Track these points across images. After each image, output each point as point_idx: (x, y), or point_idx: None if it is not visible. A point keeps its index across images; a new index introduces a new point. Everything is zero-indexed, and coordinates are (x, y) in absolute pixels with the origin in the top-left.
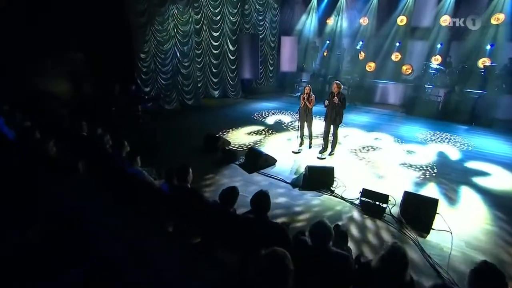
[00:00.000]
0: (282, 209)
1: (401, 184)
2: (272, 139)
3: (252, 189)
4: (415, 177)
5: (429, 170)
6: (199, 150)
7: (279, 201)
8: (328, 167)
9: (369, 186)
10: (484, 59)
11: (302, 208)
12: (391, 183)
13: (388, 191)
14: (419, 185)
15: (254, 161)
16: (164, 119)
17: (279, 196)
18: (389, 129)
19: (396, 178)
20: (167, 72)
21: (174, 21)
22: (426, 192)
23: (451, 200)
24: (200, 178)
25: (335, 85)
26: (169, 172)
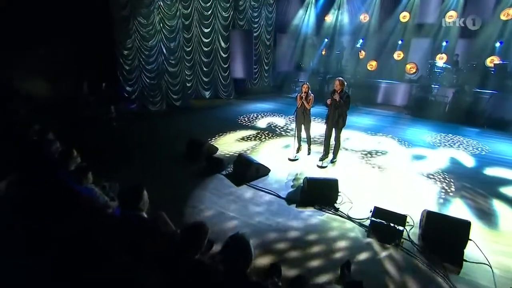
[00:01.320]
0: (275, 233)
1: (417, 199)
2: (266, 145)
3: (239, 207)
4: (432, 189)
5: (447, 180)
6: (181, 158)
7: (272, 222)
8: (331, 179)
9: (378, 200)
10: (493, 57)
11: (299, 232)
12: (404, 197)
13: (401, 207)
14: (439, 200)
15: (244, 171)
16: (147, 122)
17: (272, 215)
18: (395, 132)
19: (410, 190)
20: (152, 70)
21: (160, 15)
22: (449, 209)
23: (483, 220)
24: (176, 192)
25: (337, 82)
26: (122, 194)
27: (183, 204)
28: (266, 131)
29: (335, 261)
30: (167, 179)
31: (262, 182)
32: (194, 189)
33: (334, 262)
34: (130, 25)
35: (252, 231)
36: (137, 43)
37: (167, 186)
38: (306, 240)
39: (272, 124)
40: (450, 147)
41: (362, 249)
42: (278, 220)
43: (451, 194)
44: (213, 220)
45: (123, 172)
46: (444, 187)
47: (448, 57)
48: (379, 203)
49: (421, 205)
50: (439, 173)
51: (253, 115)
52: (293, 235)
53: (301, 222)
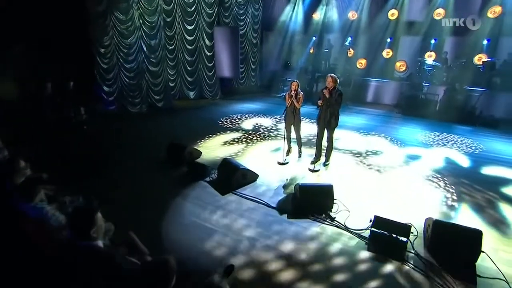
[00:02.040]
0: (264, 249)
1: (418, 204)
2: (253, 148)
3: (224, 218)
4: (433, 193)
5: (446, 182)
6: (161, 164)
7: (260, 236)
8: (325, 185)
9: (377, 207)
10: (481, 55)
11: (292, 247)
12: (404, 202)
13: (401, 214)
14: (441, 205)
15: (229, 177)
16: (126, 124)
17: (261, 228)
18: (387, 131)
19: (409, 194)
20: (132, 69)
21: (140, 10)
22: (452, 214)
23: (491, 226)
24: (153, 203)
25: (330, 79)
26: (71, 218)
27: (160, 217)
28: (254, 133)
29: (334, 284)
30: (144, 188)
31: (249, 189)
32: (173, 199)
33: (333, 285)
34: (107, 21)
35: (238, 248)
36: (115, 40)
37: (143, 196)
38: (300, 257)
39: (259, 126)
40: (445, 146)
41: (362, 264)
42: (268, 234)
43: (452, 197)
44: (193, 235)
45: (92, 182)
46: (445, 190)
47: (437, 55)
48: (378, 210)
49: (423, 211)
50: (437, 175)
51: (240, 116)
52: (285, 251)
53: (293, 235)
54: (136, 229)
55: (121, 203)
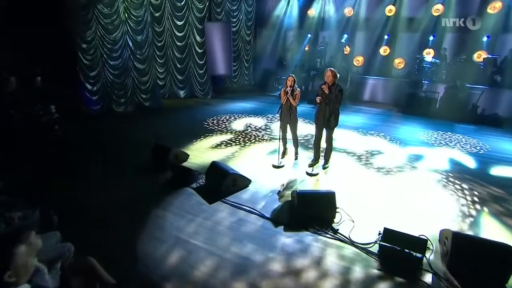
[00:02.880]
0: (258, 270)
1: (429, 211)
2: (246, 150)
3: (210, 232)
4: (445, 198)
5: (457, 184)
6: (144, 167)
7: (253, 253)
8: (327, 192)
9: (383, 215)
10: (480, 52)
11: (289, 267)
12: (413, 209)
13: (411, 223)
14: (456, 212)
15: (218, 183)
16: (109, 124)
17: (254, 243)
18: (388, 131)
19: (419, 200)
20: (117, 66)
21: (125, 3)
22: (469, 222)
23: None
24: (129, 214)
25: (329, 73)
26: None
27: (136, 231)
28: (246, 133)
29: None
30: (120, 196)
31: (241, 196)
32: (154, 209)
33: None
34: (89, 14)
35: (224, 269)
36: (98, 35)
37: (118, 205)
38: (299, 279)
39: (252, 126)
40: (450, 146)
41: (371, 285)
42: (261, 251)
43: (468, 203)
44: (174, 254)
45: (60, 190)
46: (458, 195)
47: (436, 52)
48: (385, 219)
49: (436, 221)
50: (448, 178)
51: (232, 116)
52: (281, 271)
53: (291, 252)
54: (105, 248)
55: (90, 214)
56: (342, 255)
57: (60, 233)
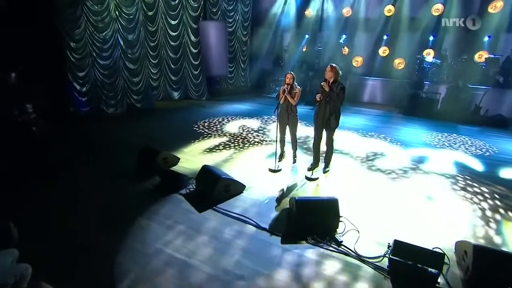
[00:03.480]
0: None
1: (441, 219)
2: (241, 153)
3: (199, 245)
4: (457, 203)
5: (469, 188)
6: (130, 172)
7: (246, 269)
8: (329, 199)
9: (391, 223)
10: (481, 52)
11: (289, 282)
12: (424, 217)
13: (423, 233)
14: (472, 220)
15: (209, 189)
16: (98, 127)
17: (247, 257)
18: (390, 132)
19: (429, 207)
20: (107, 66)
21: (116, 0)
22: (489, 234)
23: None
24: (109, 223)
25: (330, 70)
26: None
27: (112, 245)
28: (241, 136)
29: None
30: (99, 203)
31: (234, 204)
32: (136, 218)
33: None
34: (78, 11)
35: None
36: (87, 33)
37: (96, 214)
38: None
39: (248, 128)
40: (456, 148)
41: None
42: (256, 267)
43: (484, 210)
44: (155, 270)
45: (27, 196)
46: (470, 200)
47: (436, 52)
48: (393, 228)
49: (450, 231)
50: (457, 182)
51: (227, 118)
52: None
53: (289, 268)
54: (71, 267)
55: (59, 226)
56: (347, 271)
57: (18, 250)
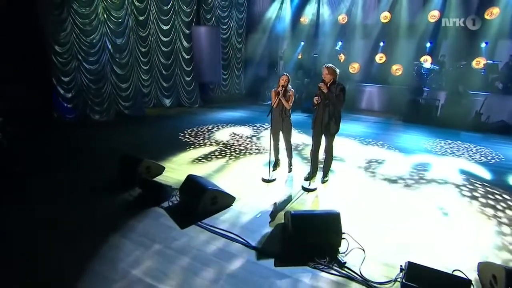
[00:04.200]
0: None
1: (458, 237)
2: (233, 162)
3: (179, 269)
4: (475, 219)
5: (484, 200)
6: (111, 182)
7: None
8: (329, 212)
9: (400, 241)
10: (479, 58)
11: None
12: (438, 234)
13: (437, 252)
14: (495, 238)
15: (194, 202)
16: (82, 134)
17: (234, 283)
18: (391, 140)
19: (442, 221)
20: (95, 71)
21: (104, 3)
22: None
23: None
24: (79, 242)
25: (326, 71)
26: None
27: (76, 267)
28: (232, 144)
29: None
30: (72, 218)
31: (221, 219)
32: (109, 235)
33: None
34: (63, 14)
35: None
36: (74, 37)
37: (63, 231)
38: None
39: (238, 135)
40: (462, 156)
41: None
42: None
43: (501, 222)
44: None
45: None
46: (487, 214)
47: (433, 59)
48: (403, 246)
49: (468, 248)
50: (469, 192)
51: (220, 126)
52: None
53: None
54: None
55: (14, 246)
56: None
57: None
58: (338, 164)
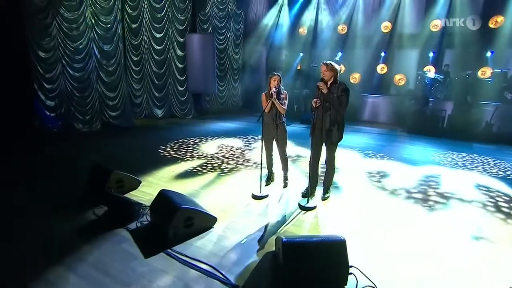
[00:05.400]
0: None
1: (483, 265)
2: (221, 178)
3: None
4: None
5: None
6: (77, 198)
7: None
8: (331, 239)
9: (425, 276)
10: (484, 68)
11: None
12: (459, 263)
13: None
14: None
15: (165, 223)
16: (63, 145)
17: None
18: (397, 152)
19: (465, 248)
20: (80, 79)
21: (92, 8)
22: None
23: None
24: (12, 278)
25: (324, 68)
26: None
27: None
28: (221, 157)
29: None
30: (24, 240)
31: (197, 245)
32: (56, 264)
33: None
34: (48, 18)
35: None
36: (59, 42)
37: (16, 255)
38: None
39: (229, 148)
40: (478, 170)
41: None
42: None
43: None
44: None
45: None
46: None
47: (437, 69)
48: (427, 282)
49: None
50: (496, 210)
51: (208, 138)
52: None
53: None
54: None
55: None
56: None
57: None
58: (341, 178)
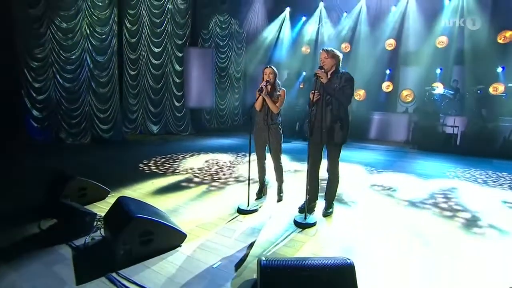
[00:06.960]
0: None
1: None
2: (207, 193)
3: None
4: None
5: None
6: (34, 209)
7: None
8: (336, 263)
9: None
10: (496, 84)
11: None
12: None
13: None
14: None
15: (115, 237)
16: (44, 157)
17: None
18: (409, 167)
19: (489, 275)
20: (72, 90)
21: (87, 18)
22: None
23: None
24: None
25: (324, 55)
26: None
27: None
28: (206, 172)
29: None
30: None
31: (154, 269)
32: None
33: None
34: (42, 28)
35: None
36: (52, 52)
37: None
38: None
39: (219, 164)
40: (502, 188)
41: None
42: None
43: None
44: None
45: None
46: None
47: (445, 85)
48: None
49: None
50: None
51: (199, 153)
52: None
53: None
54: None
55: None
56: None
57: None
58: (347, 190)
